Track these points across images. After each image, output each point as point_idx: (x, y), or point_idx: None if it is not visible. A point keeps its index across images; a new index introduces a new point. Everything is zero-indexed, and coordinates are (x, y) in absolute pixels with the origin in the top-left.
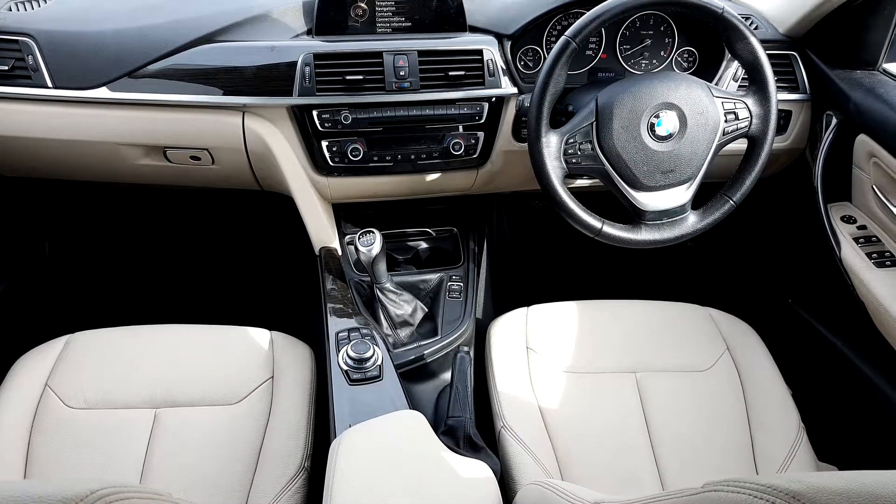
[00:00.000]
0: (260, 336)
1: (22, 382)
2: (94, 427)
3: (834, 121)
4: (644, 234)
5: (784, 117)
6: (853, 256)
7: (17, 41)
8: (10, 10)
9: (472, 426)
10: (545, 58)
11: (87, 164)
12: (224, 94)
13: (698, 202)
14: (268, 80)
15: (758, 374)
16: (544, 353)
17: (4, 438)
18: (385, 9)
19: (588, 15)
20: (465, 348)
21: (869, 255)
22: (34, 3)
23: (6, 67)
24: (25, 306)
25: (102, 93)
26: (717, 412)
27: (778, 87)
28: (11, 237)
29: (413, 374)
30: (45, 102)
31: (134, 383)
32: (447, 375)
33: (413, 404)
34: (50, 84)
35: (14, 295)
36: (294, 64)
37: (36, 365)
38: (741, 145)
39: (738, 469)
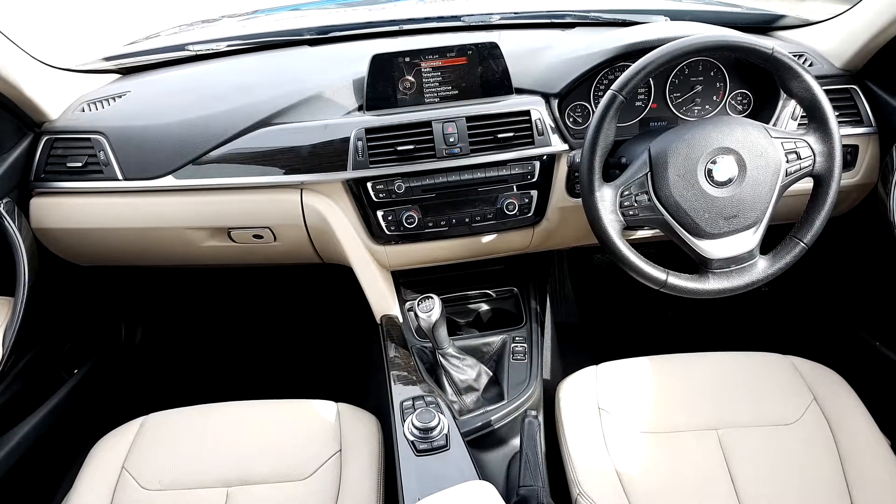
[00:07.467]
0: (326, 409)
1: (100, 465)
2: None
3: None
4: (712, 284)
5: (850, 152)
6: None
7: (89, 139)
8: (83, 110)
9: (546, 495)
10: (593, 113)
11: (156, 249)
12: (283, 174)
13: (767, 246)
14: (323, 157)
15: (851, 425)
16: (617, 413)
17: None
18: (432, 80)
19: (633, 68)
20: (533, 412)
21: None
22: (104, 103)
23: (80, 164)
24: (103, 388)
25: (169, 181)
26: (809, 468)
27: (841, 121)
28: (90, 322)
29: (481, 441)
30: (115, 194)
31: (206, 463)
32: (516, 441)
33: (482, 474)
34: (120, 176)
35: (94, 377)
36: (347, 139)
37: (113, 447)
38: (807, 185)
39: None
